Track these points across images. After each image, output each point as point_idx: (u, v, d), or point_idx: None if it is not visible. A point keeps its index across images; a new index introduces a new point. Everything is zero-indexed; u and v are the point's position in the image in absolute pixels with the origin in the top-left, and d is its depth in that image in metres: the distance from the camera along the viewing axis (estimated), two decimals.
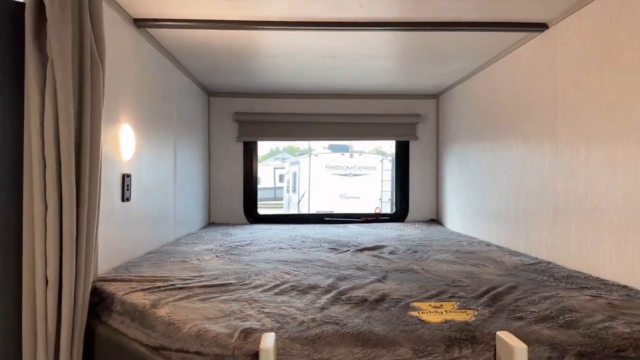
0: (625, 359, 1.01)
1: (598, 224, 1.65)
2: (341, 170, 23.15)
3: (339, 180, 21.92)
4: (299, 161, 16.98)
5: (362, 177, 22.52)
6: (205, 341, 1.06)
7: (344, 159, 23.64)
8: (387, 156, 18.64)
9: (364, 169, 23.05)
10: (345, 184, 21.20)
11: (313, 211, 11.58)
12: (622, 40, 1.52)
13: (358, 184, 20.82)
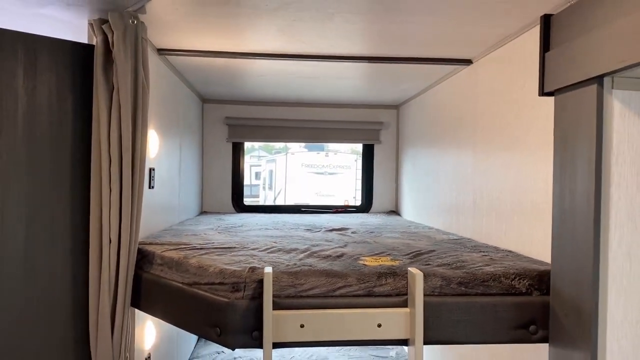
0: (487, 286, 1.64)
1: (498, 210, 2.30)
2: (317, 169, 23.71)
3: (315, 179, 22.50)
4: (275, 159, 17.52)
5: (337, 175, 23.14)
6: (226, 275, 1.65)
7: (319, 158, 24.16)
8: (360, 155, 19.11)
9: (339, 167, 23.67)
10: (320, 182, 21.81)
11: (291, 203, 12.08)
12: (514, 77, 2.16)
13: (333, 182, 21.42)
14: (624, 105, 1.36)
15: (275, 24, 2.11)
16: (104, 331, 1.89)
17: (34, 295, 1.88)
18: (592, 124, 1.38)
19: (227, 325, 1.59)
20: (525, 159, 2.05)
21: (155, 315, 1.96)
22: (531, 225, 1.97)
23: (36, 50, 1.88)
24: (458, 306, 1.62)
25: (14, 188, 1.83)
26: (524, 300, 1.63)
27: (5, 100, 1.81)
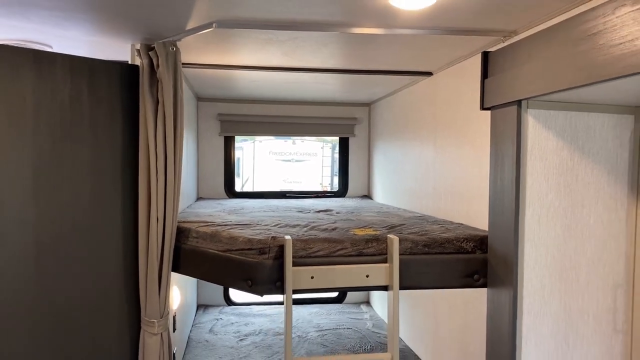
0: (444, 247, 2.27)
1: (452, 193, 2.94)
2: (284, 156, 24.19)
3: (283, 166, 22.99)
4: (242, 147, 17.93)
5: (304, 162, 23.68)
6: (253, 243, 2.23)
7: (286, 145, 24.56)
8: (327, 143, 19.77)
9: (306, 155, 24.19)
10: (288, 169, 22.33)
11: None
12: (465, 89, 2.79)
13: (300, 169, 21.97)
14: (534, 120, 1.99)
15: (282, 50, 2.68)
16: (153, 291, 2.45)
17: (96, 261, 2.41)
18: (514, 132, 2.01)
19: (256, 279, 2.18)
20: (471, 154, 2.69)
21: (194, 276, 2.52)
22: (475, 204, 2.62)
23: (96, 71, 2.40)
24: (423, 262, 2.25)
25: (82, 182, 2.36)
26: (470, 257, 2.27)
27: (75, 111, 2.33)
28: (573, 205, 2.02)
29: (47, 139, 2.26)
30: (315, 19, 2.16)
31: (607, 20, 1.49)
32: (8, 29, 2.48)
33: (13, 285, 2.18)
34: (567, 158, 2.01)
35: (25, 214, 2.20)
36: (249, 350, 3.59)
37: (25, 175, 2.20)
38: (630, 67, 1.39)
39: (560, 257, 2.02)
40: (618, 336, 2.05)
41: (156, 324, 2.46)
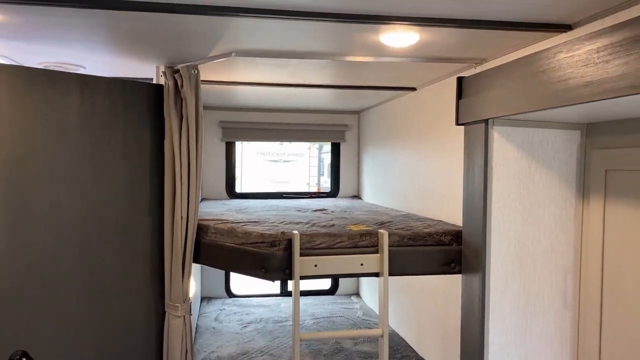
0: (426, 240, 2.71)
1: (433, 194, 3.38)
2: (272, 157, 24.43)
3: (270, 166, 23.25)
4: None
5: (291, 162, 23.90)
6: (265, 237, 2.64)
7: (274, 146, 24.79)
8: (314, 144, 20.03)
9: (293, 155, 24.42)
10: (275, 170, 22.59)
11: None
12: (445, 105, 3.23)
13: (288, 169, 22.23)
14: (499, 135, 2.43)
15: (288, 71, 3.10)
16: (177, 278, 2.85)
17: (129, 252, 2.81)
18: (483, 145, 2.44)
19: (269, 267, 2.59)
20: (448, 161, 3.13)
21: (213, 266, 2.93)
22: (452, 204, 3.06)
23: (128, 90, 2.80)
24: (408, 252, 2.68)
25: (118, 185, 2.76)
26: (447, 248, 2.71)
27: (112, 125, 2.72)
28: (530, 205, 2.46)
29: (89, 148, 2.65)
30: (319, 50, 2.59)
31: (549, 62, 1.93)
32: (47, 55, 2.86)
33: (65, 265, 2.59)
34: (525, 166, 2.45)
35: (75, 211, 2.60)
36: (252, 335, 4.00)
37: (73, 180, 2.60)
38: (565, 100, 1.83)
39: (520, 247, 2.46)
40: (567, 311, 2.50)
41: (180, 308, 2.86)
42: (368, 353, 3.65)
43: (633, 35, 1.56)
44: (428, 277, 3.35)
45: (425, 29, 2.18)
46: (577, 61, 1.79)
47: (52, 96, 2.53)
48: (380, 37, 2.27)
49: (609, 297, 2.29)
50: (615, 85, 1.62)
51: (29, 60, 2.92)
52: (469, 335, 2.54)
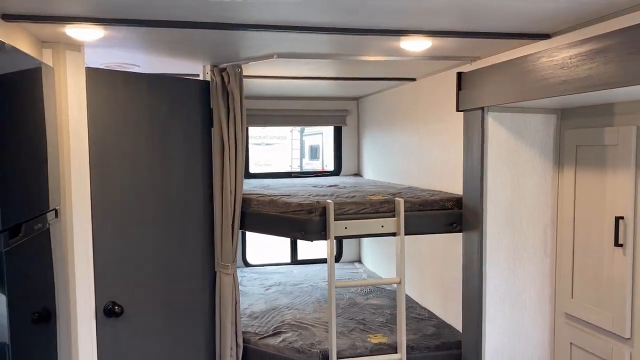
0: (432, 206, 3.33)
1: (434, 170, 4.00)
2: (254, 140, 24.84)
3: (253, 149, 23.61)
4: None
5: (274, 145, 24.38)
6: (304, 206, 3.22)
7: (256, 129, 25.26)
8: (296, 127, 20.47)
9: (276, 138, 24.86)
10: (258, 152, 23.05)
11: None
12: (444, 93, 3.83)
13: (270, 153, 22.72)
14: (493, 119, 3.04)
15: (297, 66, 3.63)
16: (227, 242, 3.42)
17: (183, 219, 3.37)
18: (479, 127, 3.06)
19: (307, 230, 3.18)
20: (447, 142, 3.75)
21: (258, 232, 3.52)
22: (449, 177, 3.67)
23: (183, 86, 3.34)
24: (418, 216, 3.30)
25: (177, 167, 3.30)
26: (450, 212, 3.33)
27: (171, 117, 3.26)
28: (517, 175, 3.09)
29: (157, 137, 3.19)
30: (346, 52, 3.16)
31: (534, 64, 2.54)
32: (106, 55, 3.35)
33: (142, 233, 3.15)
34: (513, 144, 3.08)
35: (148, 188, 3.15)
36: (276, 295, 4.60)
37: (147, 163, 3.14)
38: (546, 93, 2.45)
39: (509, 209, 3.09)
40: (547, 259, 3.16)
41: (230, 267, 3.44)
42: (378, 305, 4.29)
43: (595, 48, 2.18)
44: (429, 240, 3.99)
45: (436, 38, 2.77)
46: (555, 65, 2.41)
47: (130, 94, 3.06)
48: (401, 44, 2.86)
49: (579, 246, 2.94)
50: (583, 84, 2.24)
51: (94, 62, 3.42)
52: (470, 280, 3.19)
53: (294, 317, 3.97)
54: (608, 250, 2.66)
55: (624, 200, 2.55)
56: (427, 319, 3.96)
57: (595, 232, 2.78)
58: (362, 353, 3.33)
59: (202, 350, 3.48)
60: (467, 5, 2.22)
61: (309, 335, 3.60)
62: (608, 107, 2.67)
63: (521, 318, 3.13)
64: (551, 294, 3.16)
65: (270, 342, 3.54)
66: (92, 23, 2.40)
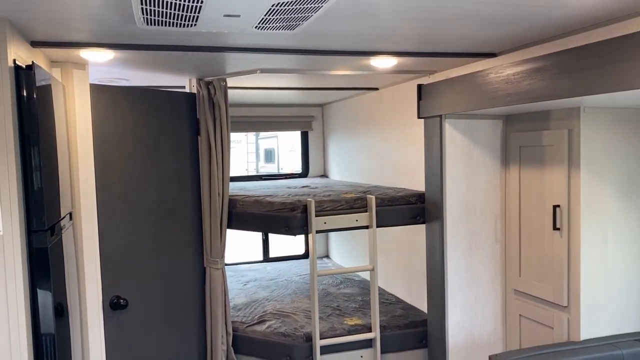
0: (399, 201, 3.78)
1: (396, 170, 4.47)
2: None
3: None
4: None
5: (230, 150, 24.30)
6: (286, 204, 3.61)
7: None
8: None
9: (232, 142, 24.89)
10: None
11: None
12: (403, 101, 4.30)
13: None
14: (449, 125, 3.52)
15: (267, 78, 4.03)
16: (216, 240, 3.76)
17: (175, 219, 3.69)
18: (438, 132, 3.53)
19: (291, 225, 3.57)
20: (408, 145, 4.22)
21: (245, 229, 3.88)
22: (413, 176, 4.14)
23: (173, 98, 3.66)
24: (387, 210, 3.74)
25: (169, 173, 3.63)
26: (414, 206, 3.80)
27: (163, 127, 3.58)
28: (471, 172, 3.58)
29: (151, 145, 3.51)
30: (321, 67, 3.57)
31: (484, 79, 3.03)
32: (101, 72, 3.62)
33: (137, 229, 3.46)
34: (467, 146, 3.56)
35: (145, 193, 3.47)
36: (254, 289, 4.96)
37: (143, 168, 3.46)
38: (494, 104, 2.94)
39: (465, 202, 3.58)
40: (497, 244, 3.67)
41: (219, 262, 3.79)
42: (350, 294, 4.73)
43: (534, 67, 2.68)
44: (394, 233, 4.45)
45: (402, 57, 3.22)
46: (502, 80, 2.90)
47: (127, 107, 3.37)
48: (371, 61, 3.30)
49: (524, 231, 3.46)
50: (524, 96, 2.73)
51: (90, 78, 3.69)
52: (433, 266, 3.66)
53: (274, 308, 4.35)
54: (548, 234, 3.18)
55: (560, 191, 3.07)
56: (394, 303, 4.42)
57: (536, 219, 3.30)
58: (341, 333, 3.75)
59: (195, 338, 3.82)
60: (428, 33, 2.67)
61: (291, 321, 3.98)
62: (545, 113, 3.19)
63: (478, 296, 3.63)
64: (502, 274, 3.67)
65: (257, 329, 3.91)
66: (102, 48, 2.72)
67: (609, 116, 2.96)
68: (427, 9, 2.17)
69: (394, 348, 3.84)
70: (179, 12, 1.86)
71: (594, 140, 2.94)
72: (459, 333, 3.61)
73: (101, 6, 1.98)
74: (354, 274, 5.37)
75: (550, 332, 3.18)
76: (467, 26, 2.51)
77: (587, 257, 2.97)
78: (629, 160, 3.02)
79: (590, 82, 2.32)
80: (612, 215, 3.00)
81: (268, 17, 1.95)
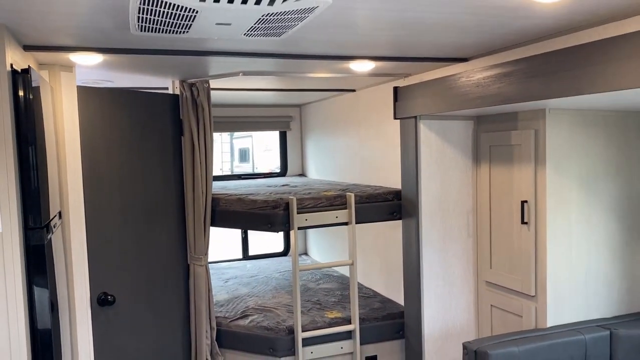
0: (376, 199, 3.95)
1: (373, 169, 4.64)
2: None
3: None
4: None
5: None
6: (269, 202, 3.74)
7: None
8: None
9: None
10: None
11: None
12: (379, 102, 4.47)
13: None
14: (424, 125, 3.70)
15: (255, 81, 4.16)
16: (200, 237, 3.87)
17: (160, 218, 3.79)
18: (413, 132, 3.71)
19: (273, 223, 3.71)
20: (385, 144, 4.39)
21: (229, 227, 3.99)
22: (390, 174, 4.31)
23: (157, 100, 3.76)
24: (366, 207, 3.91)
25: (154, 171, 3.72)
26: (392, 203, 3.97)
27: (148, 126, 3.68)
28: (445, 170, 3.77)
29: (136, 144, 3.60)
30: (303, 70, 3.71)
31: (456, 83, 3.21)
32: (86, 74, 3.71)
33: (124, 227, 3.55)
34: (440, 145, 3.75)
35: (130, 192, 3.56)
36: (235, 286, 5.08)
37: (127, 171, 3.55)
38: (466, 106, 3.12)
39: (439, 198, 3.77)
40: (470, 238, 3.87)
41: (203, 259, 3.90)
42: (329, 289, 4.88)
43: (502, 72, 2.87)
44: (371, 230, 4.62)
45: (379, 62, 3.39)
46: (473, 83, 3.09)
47: (113, 108, 3.46)
48: (350, 65, 3.45)
49: (494, 226, 3.66)
50: (493, 99, 2.93)
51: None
52: (409, 260, 3.84)
53: (256, 303, 4.47)
54: (516, 227, 3.38)
55: (527, 187, 3.27)
56: (372, 296, 4.59)
57: (506, 214, 3.50)
58: (322, 326, 3.90)
59: (180, 333, 3.92)
60: (404, 40, 2.84)
61: (273, 316, 4.12)
62: (513, 115, 3.39)
63: (451, 288, 3.82)
64: (474, 266, 3.87)
65: (240, 323, 4.03)
66: (92, 51, 2.81)
67: (572, 117, 3.18)
68: (403, 19, 2.33)
69: (373, 339, 4.01)
70: (174, 21, 1.98)
71: (558, 140, 3.15)
72: (434, 323, 3.80)
73: (97, 14, 2.09)
74: (332, 270, 5.53)
75: (520, 320, 3.39)
76: (440, 34, 2.68)
77: (552, 249, 3.18)
78: (590, 157, 3.24)
79: (554, 86, 2.52)
80: (576, 210, 3.22)
81: (257, 25, 2.08)
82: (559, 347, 3.00)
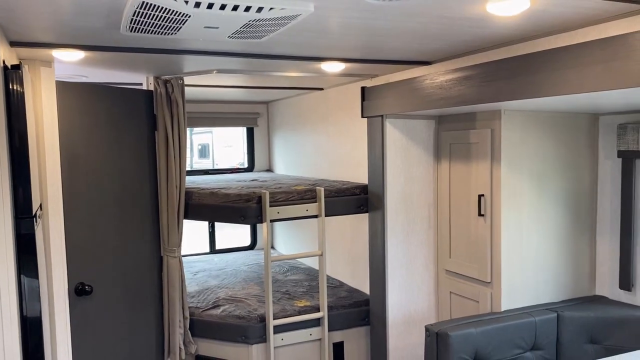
0: (345, 193, 4.16)
1: (341, 164, 4.85)
2: None
3: None
4: None
5: None
6: (242, 195, 3.90)
7: None
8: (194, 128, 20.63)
9: None
10: None
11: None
12: (347, 101, 4.68)
13: None
14: (390, 124, 3.93)
15: (234, 78, 4.31)
16: (173, 230, 3.99)
17: (134, 211, 3.90)
18: (380, 130, 3.94)
19: (246, 215, 3.87)
20: (352, 141, 4.61)
21: (203, 219, 4.12)
22: (356, 170, 4.54)
23: (131, 95, 3.86)
24: (335, 201, 4.11)
25: (128, 164, 3.82)
26: (359, 197, 4.19)
27: (122, 121, 3.77)
28: (409, 166, 4.01)
29: (112, 139, 3.70)
30: (275, 69, 3.88)
31: (421, 84, 3.45)
32: (62, 69, 3.77)
33: (100, 219, 3.64)
34: (405, 143, 3.99)
35: (106, 185, 3.65)
36: (205, 278, 5.20)
37: (104, 161, 3.64)
38: (429, 106, 3.36)
39: (403, 193, 4.01)
40: (431, 230, 4.13)
41: (176, 251, 4.02)
42: (297, 280, 5.07)
43: (463, 76, 3.12)
44: (337, 224, 4.83)
45: (349, 63, 3.59)
46: (436, 86, 3.33)
47: (90, 103, 3.54)
48: (322, 66, 3.65)
49: (453, 218, 3.92)
50: (454, 101, 3.17)
51: None
52: (375, 250, 4.07)
53: (226, 294, 4.62)
54: (474, 219, 3.65)
55: (484, 182, 3.54)
56: (339, 286, 4.81)
57: (464, 206, 3.77)
58: (292, 314, 4.09)
59: (154, 323, 4.03)
60: (372, 44, 3.05)
61: (244, 305, 4.28)
62: (472, 115, 3.66)
63: (414, 276, 4.07)
64: (435, 256, 4.14)
65: (212, 312, 4.18)
66: (75, 48, 2.91)
67: (525, 118, 3.46)
68: (374, 27, 2.55)
69: (340, 326, 4.22)
70: (166, 24, 2.12)
71: (512, 138, 3.42)
72: (397, 310, 4.04)
73: (90, 14, 2.21)
74: (299, 262, 5.72)
75: (476, 305, 3.66)
76: (406, 40, 2.90)
77: (506, 240, 3.46)
78: (541, 154, 3.53)
79: (508, 89, 2.78)
80: (527, 203, 3.51)
81: (242, 29, 2.25)
82: (512, 328, 3.28)
